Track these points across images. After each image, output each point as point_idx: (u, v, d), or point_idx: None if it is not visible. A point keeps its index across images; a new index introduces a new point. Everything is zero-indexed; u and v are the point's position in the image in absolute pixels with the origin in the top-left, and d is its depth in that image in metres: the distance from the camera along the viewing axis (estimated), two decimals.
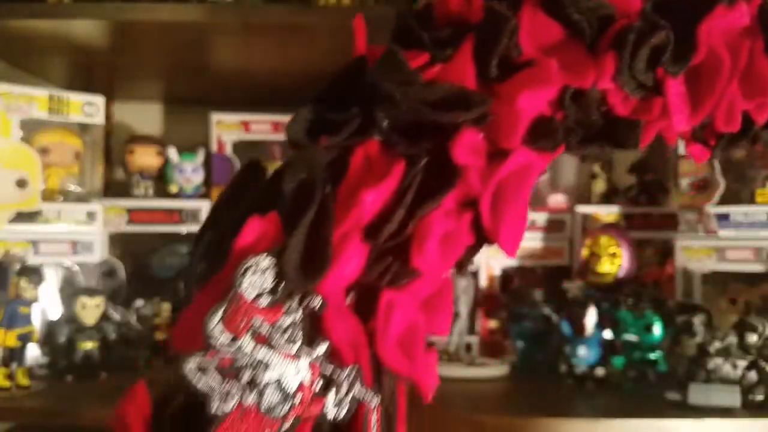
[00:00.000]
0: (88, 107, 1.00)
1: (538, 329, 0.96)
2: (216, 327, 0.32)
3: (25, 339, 0.81)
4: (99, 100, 1.01)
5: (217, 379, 0.32)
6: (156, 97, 1.23)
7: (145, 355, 0.93)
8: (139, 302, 0.96)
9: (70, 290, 0.93)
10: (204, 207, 1.06)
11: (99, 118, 1.01)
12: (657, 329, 0.85)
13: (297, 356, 0.33)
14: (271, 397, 0.32)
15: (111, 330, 0.90)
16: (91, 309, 0.88)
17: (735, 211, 0.89)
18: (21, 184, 0.91)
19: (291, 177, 0.36)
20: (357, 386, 0.34)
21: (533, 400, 0.82)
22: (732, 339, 0.78)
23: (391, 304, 0.36)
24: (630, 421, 0.72)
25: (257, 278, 0.33)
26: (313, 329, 0.34)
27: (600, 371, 0.87)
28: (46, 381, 0.84)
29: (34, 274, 0.83)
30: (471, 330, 1.04)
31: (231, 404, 0.32)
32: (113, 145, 1.21)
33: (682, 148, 0.96)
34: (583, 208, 1.07)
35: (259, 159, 0.40)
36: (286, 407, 0.33)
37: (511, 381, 0.92)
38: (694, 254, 0.93)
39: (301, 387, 0.33)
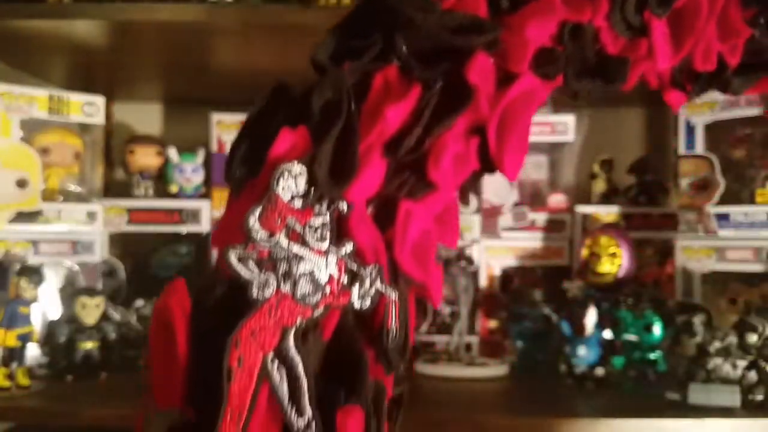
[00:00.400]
0: (88, 107, 1.00)
1: (538, 329, 0.97)
2: (255, 223, 0.36)
3: (25, 339, 0.81)
4: (99, 101, 1.01)
5: (255, 269, 0.36)
6: (156, 97, 1.23)
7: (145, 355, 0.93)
8: (139, 302, 0.96)
9: (70, 290, 0.93)
10: (204, 207, 1.06)
11: (99, 118, 1.01)
12: (657, 329, 0.85)
13: (326, 253, 0.37)
14: (304, 287, 0.36)
15: (111, 330, 0.90)
16: (91, 309, 0.88)
17: (735, 211, 0.89)
18: (21, 184, 0.91)
19: (319, 96, 0.40)
20: (379, 281, 0.38)
21: (533, 400, 0.82)
22: (732, 339, 0.78)
23: (409, 213, 0.40)
24: (630, 421, 0.72)
25: (290, 182, 0.37)
26: (339, 234, 0.38)
27: (600, 371, 0.87)
28: (46, 381, 0.84)
29: (34, 274, 0.83)
30: (471, 330, 1.04)
31: (269, 291, 0.36)
32: (113, 145, 1.21)
33: (682, 148, 0.96)
34: (583, 208, 1.07)
35: (286, 81, 0.44)
36: (318, 296, 0.37)
37: (510, 381, 0.92)
38: (694, 254, 0.93)
39: (330, 280, 0.37)
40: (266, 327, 0.36)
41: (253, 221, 0.36)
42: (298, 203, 0.37)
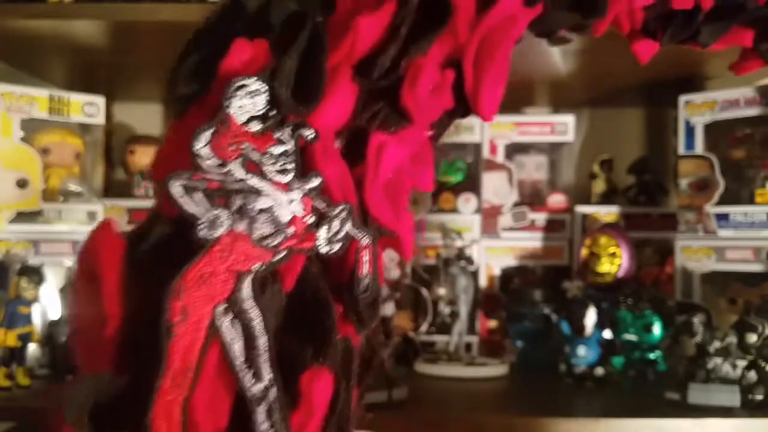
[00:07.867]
0: (88, 107, 1.00)
1: (538, 329, 0.97)
2: (204, 147, 0.30)
3: (25, 339, 0.81)
4: (99, 101, 1.01)
5: (204, 203, 0.30)
6: (156, 97, 1.23)
7: None
8: None
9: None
10: None
11: (100, 119, 1.01)
12: (656, 329, 0.85)
13: (289, 188, 0.32)
14: (263, 227, 0.31)
15: None
16: None
17: (734, 211, 0.89)
18: (22, 184, 0.91)
19: (280, 8, 0.35)
20: (350, 223, 0.33)
21: (533, 400, 0.82)
22: (731, 339, 0.78)
23: (382, 146, 0.35)
24: (630, 421, 0.72)
25: (247, 101, 0.31)
26: (303, 167, 0.33)
27: (599, 371, 0.87)
28: (46, 381, 0.84)
29: (34, 274, 0.83)
30: (471, 330, 1.04)
31: (221, 230, 0.30)
32: (114, 145, 1.21)
33: (681, 148, 0.96)
34: (582, 208, 1.07)
35: None
36: (279, 238, 0.31)
37: (510, 381, 0.92)
38: (694, 254, 0.93)
39: (293, 219, 0.32)
40: (217, 273, 0.30)
41: (202, 145, 0.30)
42: (255, 127, 0.32)
